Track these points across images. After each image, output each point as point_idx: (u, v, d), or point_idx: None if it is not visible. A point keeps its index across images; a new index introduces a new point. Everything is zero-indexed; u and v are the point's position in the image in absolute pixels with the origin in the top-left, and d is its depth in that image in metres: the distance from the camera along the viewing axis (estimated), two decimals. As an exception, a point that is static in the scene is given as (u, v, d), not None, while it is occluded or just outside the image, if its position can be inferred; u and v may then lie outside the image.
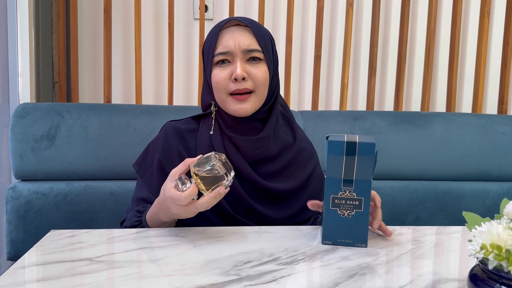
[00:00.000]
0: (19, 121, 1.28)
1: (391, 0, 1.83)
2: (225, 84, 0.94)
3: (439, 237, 0.88)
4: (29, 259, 0.72)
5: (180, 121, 1.06)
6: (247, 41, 0.94)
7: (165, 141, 1.01)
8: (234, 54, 0.93)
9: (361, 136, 0.76)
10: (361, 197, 0.77)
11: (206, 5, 1.73)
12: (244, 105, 0.94)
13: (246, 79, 0.93)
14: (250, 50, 0.94)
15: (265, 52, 0.96)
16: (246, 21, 0.96)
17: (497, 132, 1.50)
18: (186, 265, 0.69)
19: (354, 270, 0.68)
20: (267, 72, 0.96)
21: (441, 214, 1.46)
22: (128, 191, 1.30)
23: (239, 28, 0.95)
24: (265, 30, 1.00)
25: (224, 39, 0.94)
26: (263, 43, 0.95)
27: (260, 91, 0.95)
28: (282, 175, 1.00)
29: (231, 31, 0.95)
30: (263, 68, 0.95)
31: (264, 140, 0.98)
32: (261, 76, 0.94)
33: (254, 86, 0.94)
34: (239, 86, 0.93)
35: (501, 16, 1.85)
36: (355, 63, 1.84)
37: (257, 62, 0.95)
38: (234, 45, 0.93)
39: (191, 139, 1.01)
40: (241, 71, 0.92)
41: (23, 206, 1.26)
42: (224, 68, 0.94)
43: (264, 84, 0.95)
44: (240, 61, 0.93)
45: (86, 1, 1.69)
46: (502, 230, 0.49)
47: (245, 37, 0.94)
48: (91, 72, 1.72)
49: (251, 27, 0.95)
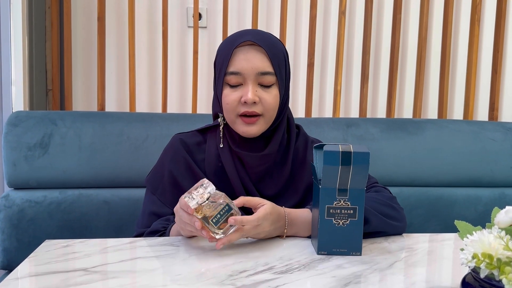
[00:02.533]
0: (13, 129, 1.27)
1: (383, 8, 1.85)
2: (236, 106, 0.94)
3: (432, 244, 0.89)
4: (23, 270, 0.72)
5: (187, 134, 1.05)
6: (260, 63, 0.92)
7: (173, 154, 1.01)
8: (246, 77, 0.93)
9: (355, 145, 0.77)
10: (355, 206, 0.78)
11: (200, 13, 1.74)
12: (252, 128, 0.94)
13: (257, 102, 0.93)
14: (263, 73, 0.93)
15: (278, 75, 0.95)
16: (262, 41, 0.94)
17: (488, 138, 1.52)
18: (181, 275, 0.70)
19: (348, 278, 0.69)
20: (277, 97, 0.95)
21: (433, 220, 1.47)
22: (122, 199, 1.30)
23: (253, 48, 0.93)
24: (279, 48, 0.97)
25: (238, 59, 0.93)
26: (277, 65, 0.94)
27: (269, 115, 0.95)
28: (284, 194, 1.00)
29: (245, 51, 0.93)
30: (274, 92, 0.95)
31: (267, 157, 0.98)
32: (271, 101, 0.94)
33: (264, 110, 0.94)
34: (248, 109, 0.93)
35: (491, 24, 1.88)
36: (348, 71, 1.86)
37: (270, 87, 0.94)
38: (247, 67, 0.92)
39: (198, 153, 1.02)
40: (252, 95, 0.91)
41: (16, 215, 1.26)
42: (235, 90, 0.94)
43: (273, 108, 0.95)
44: (252, 84, 0.92)
45: (80, 9, 1.69)
46: (493, 239, 0.50)
47: (258, 59, 0.92)
48: (85, 79, 1.72)
49: (266, 49, 0.93)
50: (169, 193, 0.99)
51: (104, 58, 1.64)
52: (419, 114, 1.83)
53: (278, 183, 1.00)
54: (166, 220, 0.96)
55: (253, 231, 0.81)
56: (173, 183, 0.99)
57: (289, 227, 0.88)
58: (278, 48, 0.97)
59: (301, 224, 0.88)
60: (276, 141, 0.99)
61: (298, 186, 1.02)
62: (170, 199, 0.99)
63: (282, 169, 1.01)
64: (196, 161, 1.01)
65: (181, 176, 0.99)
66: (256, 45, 0.93)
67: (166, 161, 1.02)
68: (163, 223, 0.96)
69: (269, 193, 0.99)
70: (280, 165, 1.01)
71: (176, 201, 0.95)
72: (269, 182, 1.00)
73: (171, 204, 0.97)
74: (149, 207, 1.01)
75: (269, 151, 0.98)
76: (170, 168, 1.00)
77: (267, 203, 0.84)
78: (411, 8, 1.86)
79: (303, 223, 0.88)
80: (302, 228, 0.88)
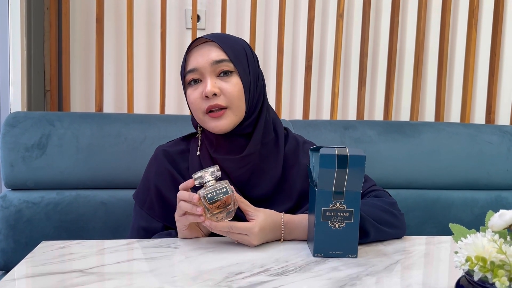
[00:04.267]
0: (10, 130, 1.28)
1: (380, 11, 1.86)
2: (199, 103, 0.92)
3: (428, 247, 0.89)
4: (20, 271, 0.72)
5: (169, 144, 1.05)
6: (214, 54, 0.92)
7: (157, 166, 1.01)
8: (203, 71, 0.92)
9: (351, 149, 0.78)
10: (351, 208, 0.79)
11: (198, 15, 1.74)
12: (220, 122, 0.92)
13: (218, 94, 0.91)
14: (218, 61, 0.91)
15: (236, 63, 0.93)
16: (212, 36, 0.94)
17: (484, 141, 1.53)
18: (178, 276, 0.70)
19: (343, 281, 0.69)
20: (240, 85, 0.93)
21: (430, 223, 1.48)
22: (119, 201, 1.30)
23: (206, 44, 0.93)
24: (238, 42, 0.97)
25: (192, 57, 0.93)
26: (232, 53, 0.92)
27: (235, 105, 0.92)
28: (275, 198, 0.98)
29: (199, 48, 0.93)
30: (234, 80, 0.92)
31: (248, 158, 0.95)
32: (232, 89, 0.91)
33: (227, 101, 0.91)
34: (211, 103, 0.91)
35: (488, 28, 1.89)
36: (346, 73, 1.86)
37: (228, 76, 0.92)
38: (201, 61, 0.91)
39: (181, 161, 1.01)
40: (210, 87, 0.90)
41: (13, 216, 1.26)
42: (196, 88, 0.93)
43: (238, 97, 0.92)
44: (210, 76, 0.91)
45: (78, 10, 1.69)
46: (487, 242, 0.50)
47: (212, 51, 0.92)
48: (83, 81, 1.72)
49: (217, 41, 0.92)
50: (156, 206, 0.98)
51: (103, 59, 1.65)
52: (416, 117, 1.83)
53: (267, 185, 0.97)
54: (168, 235, 0.95)
55: (242, 239, 0.83)
56: (159, 196, 0.98)
57: (287, 235, 0.88)
58: (234, 41, 0.96)
59: (301, 231, 0.88)
60: (255, 141, 0.95)
61: (291, 190, 0.99)
62: (158, 212, 0.98)
63: (271, 171, 0.98)
64: (180, 170, 1.00)
65: (166, 188, 0.98)
66: (209, 41, 0.93)
67: (151, 175, 1.01)
68: (164, 236, 0.95)
69: (257, 195, 0.97)
70: (268, 166, 0.98)
71: (164, 214, 0.97)
72: (256, 184, 0.97)
73: (159, 217, 0.98)
74: (138, 222, 1.00)
75: (249, 152, 0.94)
76: (155, 181, 0.99)
77: (258, 219, 0.83)
78: (409, 11, 1.86)
79: (303, 230, 0.88)
80: (301, 235, 0.89)
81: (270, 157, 0.98)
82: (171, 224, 0.96)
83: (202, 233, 0.90)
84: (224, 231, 0.82)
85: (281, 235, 0.87)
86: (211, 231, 0.84)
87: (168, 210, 0.96)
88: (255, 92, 0.96)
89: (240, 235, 0.82)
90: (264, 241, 0.85)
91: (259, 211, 0.85)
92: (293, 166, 1.01)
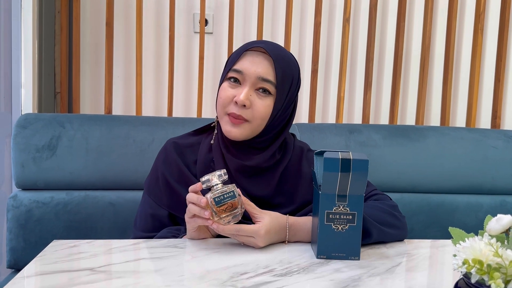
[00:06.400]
0: (21, 131, 1.30)
1: (386, 16, 1.87)
2: (227, 103, 0.95)
3: (430, 250, 0.90)
4: (32, 269, 0.74)
5: (181, 136, 1.08)
6: (264, 70, 0.93)
7: (165, 157, 1.04)
8: (246, 78, 0.94)
9: (354, 153, 0.79)
10: (354, 212, 0.80)
11: (206, 19, 1.77)
12: (235, 129, 0.94)
13: (247, 106, 0.93)
14: (263, 80, 0.93)
15: (278, 87, 0.94)
16: (272, 52, 0.94)
17: (489, 146, 1.53)
18: (184, 276, 0.72)
19: (345, 282, 0.71)
20: (270, 107, 0.95)
21: (434, 226, 1.49)
22: (127, 201, 1.33)
23: (262, 55, 0.94)
24: (291, 66, 0.98)
25: (244, 60, 0.95)
26: (280, 78, 0.94)
27: (256, 123, 0.95)
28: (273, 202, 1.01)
29: (254, 55, 0.95)
30: (268, 102, 0.94)
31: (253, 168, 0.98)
32: (262, 110, 0.94)
33: (252, 117, 0.94)
34: (236, 112, 0.93)
35: (494, 33, 1.90)
36: (351, 77, 1.88)
37: (265, 95, 0.94)
38: (250, 69, 0.93)
39: (190, 155, 1.04)
40: (244, 97, 0.92)
41: (23, 215, 1.28)
42: (234, 87, 0.95)
43: (262, 118, 0.95)
44: (249, 87, 0.93)
45: (88, 14, 1.72)
46: (484, 246, 0.52)
47: (264, 65, 0.93)
48: (93, 83, 1.75)
49: (274, 59, 0.93)
50: (163, 194, 1.02)
51: (112, 62, 1.68)
52: (421, 121, 1.84)
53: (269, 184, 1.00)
54: (177, 230, 0.98)
55: (248, 241, 0.85)
56: (166, 185, 1.02)
57: (292, 236, 0.90)
58: (288, 64, 0.97)
59: (306, 233, 0.90)
60: (265, 157, 0.99)
61: (294, 196, 1.01)
62: (164, 201, 1.01)
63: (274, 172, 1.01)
64: (188, 163, 1.03)
65: (172, 178, 1.01)
66: (267, 54, 0.95)
67: (159, 164, 1.04)
68: (173, 232, 0.98)
69: (260, 194, 0.99)
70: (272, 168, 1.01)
71: (170, 203, 0.99)
72: (260, 184, 1.00)
73: (166, 205, 1.01)
74: (146, 209, 1.03)
75: (255, 163, 0.98)
76: (163, 170, 1.02)
77: (264, 221, 0.85)
78: (415, 16, 1.88)
79: (308, 232, 0.90)
80: (305, 237, 0.90)
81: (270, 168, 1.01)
82: (176, 212, 0.99)
83: (210, 235, 0.93)
84: (231, 234, 0.84)
85: (286, 237, 0.89)
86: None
87: (174, 199, 0.99)
88: (281, 116, 0.99)
89: (246, 237, 0.84)
90: (270, 243, 0.87)
91: (265, 214, 0.87)
92: (296, 173, 1.03)
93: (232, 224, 0.83)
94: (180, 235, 0.96)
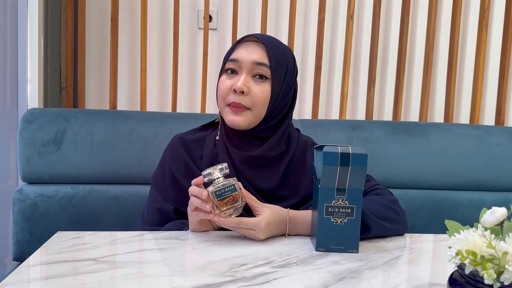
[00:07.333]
0: (27, 126, 1.32)
1: (390, 12, 1.87)
2: (226, 94, 0.97)
3: (429, 244, 0.91)
4: (37, 259, 0.76)
5: (187, 132, 1.10)
6: (258, 55, 0.96)
7: (172, 152, 1.05)
8: (242, 65, 0.96)
9: (354, 147, 0.80)
10: (353, 205, 0.81)
11: (210, 16, 1.78)
12: (237, 118, 0.96)
13: (245, 93, 0.95)
14: (259, 63, 0.96)
15: (274, 72, 0.97)
16: (264, 38, 0.99)
17: (493, 143, 1.53)
18: (185, 266, 0.73)
19: (343, 274, 0.72)
20: (268, 92, 0.97)
21: (436, 223, 1.49)
22: (131, 195, 1.34)
23: (256, 43, 0.98)
24: (285, 52, 1.01)
25: (239, 50, 0.98)
26: (274, 61, 0.97)
27: (257, 110, 0.97)
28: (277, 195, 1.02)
29: (248, 44, 0.98)
30: (265, 87, 0.97)
31: (258, 159, 0.99)
32: (260, 94, 0.96)
33: (251, 103, 0.96)
34: (235, 100, 0.96)
35: (499, 29, 1.89)
36: (355, 74, 1.88)
37: (262, 80, 0.97)
38: (244, 56, 0.96)
39: (196, 150, 1.05)
40: (242, 84, 0.95)
41: (29, 208, 1.30)
42: (230, 78, 0.98)
43: (262, 103, 0.97)
44: (246, 74, 0.96)
45: (94, 10, 1.74)
46: (478, 237, 0.52)
47: (257, 51, 0.97)
48: (98, 78, 1.77)
49: (266, 45, 0.97)
50: (170, 189, 1.03)
51: (117, 58, 1.69)
52: (425, 118, 1.84)
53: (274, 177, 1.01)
54: (182, 224, 1.00)
55: (249, 234, 0.86)
56: (172, 181, 1.03)
57: (292, 230, 0.91)
58: (282, 50, 1.00)
59: (306, 226, 0.91)
60: (269, 146, 1.00)
61: (298, 189, 1.02)
62: (171, 196, 1.03)
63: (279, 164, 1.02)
64: (194, 158, 1.04)
65: (179, 174, 1.02)
66: (259, 42, 0.98)
67: (166, 160, 1.06)
68: (179, 225, 0.99)
69: (263, 188, 1.00)
70: (276, 160, 1.02)
71: (176, 198, 1.01)
72: (265, 176, 1.01)
73: (172, 200, 1.02)
74: (153, 204, 1.05)
75: (259, 154, 0.99)
76: (170, 166, 1.04)
77: (265, 214, 0.86)
78: (419, 12, 1.87)
79: (308, 225, 0.91)
80: (305, 230, 0.92)
81: (275, 160, 1.02)
82: (182, 207, 1.00)
83: (212, 227, 0.94)
84: (231, 226, 0.85)
85: (286, 230, 0.90)
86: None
87: (181, 194, 1.01)
88: (280, 103, 1.00)
89: (247, 230, 0.85)
90: (270, 236, 0.88)
91: (266, 207, 0.88)
92: (300, 166, 1.04)
93: (233, 217, 0.84)
94: (185, 228, 0.97)
